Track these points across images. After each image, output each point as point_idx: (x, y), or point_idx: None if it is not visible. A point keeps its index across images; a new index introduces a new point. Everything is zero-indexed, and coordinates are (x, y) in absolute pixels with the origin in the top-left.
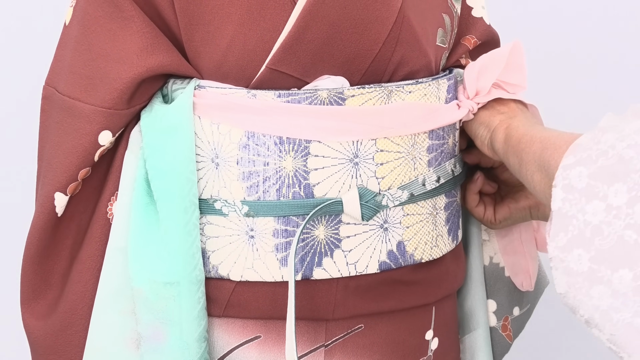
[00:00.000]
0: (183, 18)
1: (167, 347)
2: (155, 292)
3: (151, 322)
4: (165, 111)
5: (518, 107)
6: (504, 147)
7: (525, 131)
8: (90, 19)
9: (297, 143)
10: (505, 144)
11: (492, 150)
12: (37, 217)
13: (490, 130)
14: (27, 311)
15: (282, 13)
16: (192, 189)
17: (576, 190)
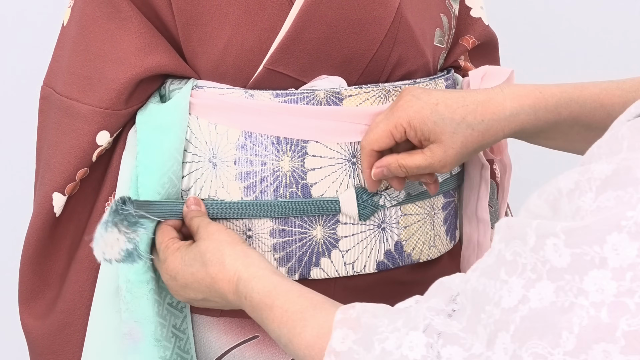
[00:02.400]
0: (180, 18)
1: (142, 345)
2: (130, 291)
3: (127, 320)
4: (159, 110)
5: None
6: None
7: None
8: (88, 19)
9: (295, 143)
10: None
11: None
12: (35, 217)
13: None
14: (25, 311)
15: (279, 13)
16: (172, 189)
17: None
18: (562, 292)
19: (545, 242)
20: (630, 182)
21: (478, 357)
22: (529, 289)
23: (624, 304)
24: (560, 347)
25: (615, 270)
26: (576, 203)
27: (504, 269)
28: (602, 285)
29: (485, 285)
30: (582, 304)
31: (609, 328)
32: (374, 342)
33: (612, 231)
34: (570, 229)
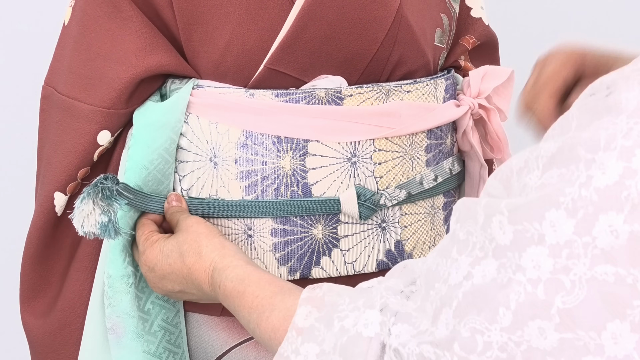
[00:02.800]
0: (182, 18)
1: (125, 340)
2: (111, 286)
3: (110, 315)
4: (155, 108)
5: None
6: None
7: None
8: (89, 19)
9: (295, 142)
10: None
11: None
12: (36, 216)
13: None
14: (26, 310)
15: (280, 13)
16: (158, 187)
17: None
18: (503, 268)
19: (492, 219)
20: (572, 160)
21: (423, 333)
22: (474, 266)
23: (560, 281)
24: (497, 322)
25: (552, 247)
26: (523, 180)
27: (455, 248)
28: (539, 261)
29: (438, 264)
30: (519, 280)
31: (545, 305)
32: (334, 319)
33: (551, 208)
34: (513, 206)
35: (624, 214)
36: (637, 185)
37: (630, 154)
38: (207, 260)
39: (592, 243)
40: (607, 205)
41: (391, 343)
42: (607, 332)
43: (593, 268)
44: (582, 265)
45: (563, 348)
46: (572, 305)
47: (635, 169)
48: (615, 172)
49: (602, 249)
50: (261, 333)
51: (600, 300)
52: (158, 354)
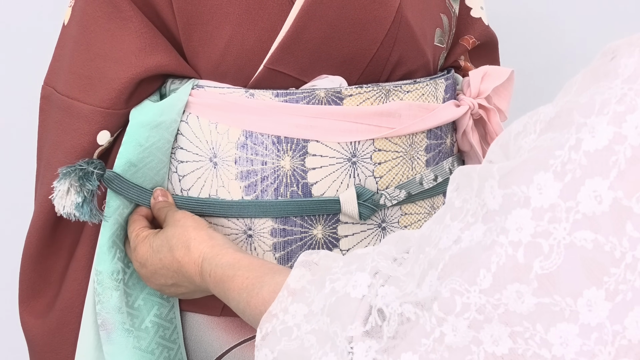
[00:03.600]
0: (181, 18)
1: (114, 336)
2: (100, 282)
3: (100, 311)
4: (152, 107)
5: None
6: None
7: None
8: (88, 19)
9: (295, 142)
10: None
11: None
12: (36, 216)
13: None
14: (25, 310)
15: (280, 13)
16: (150, 185)
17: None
18: (489, 232)
19: (484, 184)
20: (566, 124)
21: (408, 295)
22: (464, 231)
23: (539, 245)
24: (477, 284)
25: (536, 210)
26: (519, 143)
27: (449, 214)
28: (522, 224)
29: (432, 230)
30: (502, 242)
31: (524, 268)
32: (326, 281)
33: (539, 170)
34: (504, 169)
35: (609, 179)
36: (626, 151)
37: (621, 119)
38: (196, 253)
39: (575, 208)
40: (595, 170)
41: (376, 303)
42: (583, 299)
43: (573, 233)
44: (562, 230)
45: (539, 313)
46: (550, 271)
47: (625, 134)
48: (605, 137)
49: (584, 214)
50: (251, 310)
51: (578, 267)
52: (150, 349)
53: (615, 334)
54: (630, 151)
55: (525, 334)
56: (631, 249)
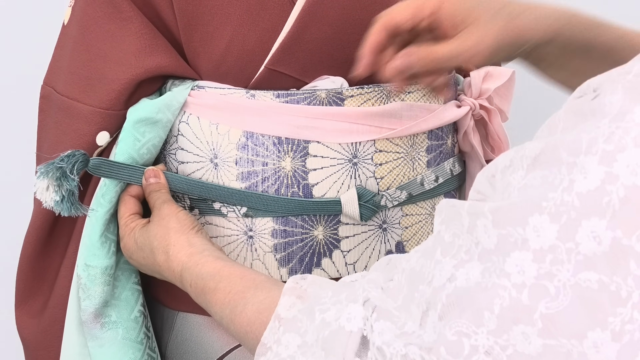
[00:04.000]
0: (182, 18)
1: (104, 330)
2: (93, 278)
3: (88, 307)
4: (149, 105)
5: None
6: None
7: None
8: (89, 19)
9: (296, 143)
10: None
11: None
12: (35, 216)
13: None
14: (22, 309)
15: (280, 13)
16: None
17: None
18: (487, 272)
19: (476, 223)
20: (554, 162)
21: (410, 334)
22: (458, 269)
23: (544, 287)
24: (484, 326)
25: (536, 252)
26: (507, 179)
27: (440, 249)
28: (523, 267)
29: (422, 266)
30: (504, 285)
31: (528, 310)
32: (316, 312)
33: (534, 212)
34: (496, 209)
35: (606, 219)
36: (618, 191)
37: (611, 158)
38: (175, 261)
39: (575, 249)
40: (589, 211)
41: (374, 340)
42: (589, 340)
43: (577, 275)
44: (566, 272)
45: (547, 354)
46: (554, 311)
47: (617, 174)
48: (597, 177)
49: (585, 255)
50: (236, 328)
51: (582, 307)
52: (140, 339)
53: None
54: (623, 191)
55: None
56: (637, 287)
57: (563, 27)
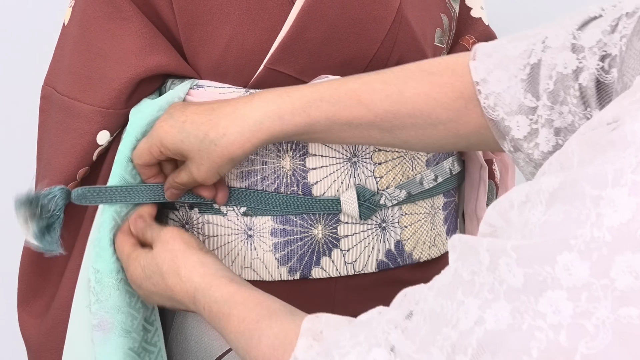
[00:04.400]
0: (182, 18)
1: (111, 336)
2: (99, 281)
3: (97, 311)
4: (150, 104)
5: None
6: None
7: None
8: (89, 19)
9: (296, 142)
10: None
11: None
12: None
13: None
14: (24, 310)
15: (280, 13)
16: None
17: None
18: (517, 313)
19: (498, 262)
20: (577, 196)
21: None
22: (485, 310)
23: (582, 326)
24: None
25: (570, 290)
26: (526, 215)
27: (461, 289)
28: (558, 306)
29: (443, 307)
30: (540, 326)
31: (567, 352)
32: (335, 356)
33: (563, 250)
34: (520, 247)
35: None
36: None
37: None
38: (188, 282)
39: (611, 285)
40: (623, 246)
41: None
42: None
43: (616, 311)
44: (604, 309)
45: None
46: (595, 351)
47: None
48: (628, 209)
49: (622, 291)
50: (251, 358)
51: (625, 346)
52: (139, 351)
53: None
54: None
55: None
56: None
57: (282, 124)
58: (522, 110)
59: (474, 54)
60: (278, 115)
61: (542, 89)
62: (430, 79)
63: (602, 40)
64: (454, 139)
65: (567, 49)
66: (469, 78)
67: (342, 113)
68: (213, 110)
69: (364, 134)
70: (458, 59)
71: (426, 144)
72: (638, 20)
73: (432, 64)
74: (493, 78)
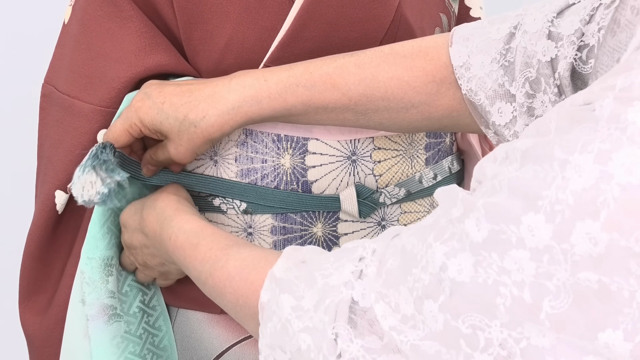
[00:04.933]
0: (182, 17)
1: (111, 322)
2: (95, 269)
3: (95, 301)
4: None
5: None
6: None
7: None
8: (89, 18)
9: (295, 140)
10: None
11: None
12: (37, 214)
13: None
14: (25, 307)
15: (280, 12)
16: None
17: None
18: (481, 267)
19: (470, 215)
20: (546, 158)
21: (409, 319)
22: (450, 258)
23: (544, 285)
24: (497, 319)
25: (533, 251)
26: (499, 169)
27: (433, 234)
28: (522, 265)
29: (413, 246)
30: (505, 282)
31: (533, 309)
32: (317, 277)
33: (529, 211)
34: (489, 204)
35: (600, 221)
36: (613, 190)
37: (606, 157)
38: (160, 213)
39: (571, 250)
40: (583, 211)
41: (382, 327)
42: (599, 342)
43: (575, 275)
44: (564, 272)
45: (561, 345)
46: (560, 311)
47: (612, 173)
48: (592, 176)
49: (581, 256)
50: (214, 283)
51: (587, 307)
52: (138, 334)
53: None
54: (619, 190)
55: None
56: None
57: (260, 109)
58: (504, 96)
59: (452, 38)
60: (256, 100)
61: (524, 77)
62: (403, 62)
63: (581, 29)
64: (427, 122)
65: (544, 35)
66: (441, 61)
67: (318, 97)
68: (191, 93)
69: (340, 117)
70: (430, 41)
71: (400, 126)
72: (612, 16)
73: (405, 47)
74: (476, 61)
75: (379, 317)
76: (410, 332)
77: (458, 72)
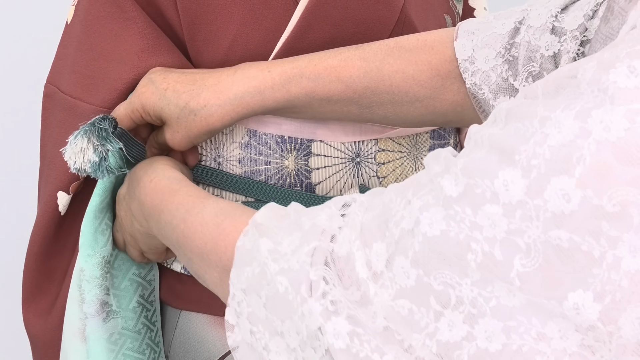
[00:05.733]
0: (185, 18)
1: (108, 322)
2: (96, 265)
3: (95, 297)
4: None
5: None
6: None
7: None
8: (92, 18)
9: (299, 142)
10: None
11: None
12: (40, 216)
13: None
14: (29, 309)
15: (284, 13)
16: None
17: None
18: (453, 222)
19: (449, 170)
20: (528, 115)
21: (379, 276)
22: (422, 212)
23: (515, 242)
24: (468, 277)
25: (506, 206)
26: (486, 130)
27: (412, 189)
28: (494, 221)
29: (391, 200)
30: (476, 238)
31: (504, 267)
32: (304, 221)
33: (506, 166)
34: (469, 160)
35: (575, 177)
36: (590, 146)
37: (586, 114)
38: (149, 165)
39: (544, 206)
40: (559, 167)
41: (359, 277)
42: (569, 302)
43: (547, 232)
44: (536, 229)
45: (529, 306)
46: (530, 269)
47: (590, 129)
48: (571, 133)
49: (553, 213)
50: (185, 228)
51: (558, 266)
52: (137, 329)
53: (610, 334)
54: (595, 146)
55: (520, 329)
56: (610, 247)
57: (262, 99)
58: (508, 90)
59: (457, 32)
60: (258, 91)
61: (527, 71)
62: (408, 56)
63: (584, 24)
64: (431, 116)
65: (548, 30)
66: (446, 55)
67: (322, 89)
68: (195, 81)
69: (343, 110)
70: (436, 35)
71: (404, 120)
72: (607, 5)
73: (410, 41)
74: (480, 55)
75: (358, 266)
76: (381, 292)
77: (462, 66)
